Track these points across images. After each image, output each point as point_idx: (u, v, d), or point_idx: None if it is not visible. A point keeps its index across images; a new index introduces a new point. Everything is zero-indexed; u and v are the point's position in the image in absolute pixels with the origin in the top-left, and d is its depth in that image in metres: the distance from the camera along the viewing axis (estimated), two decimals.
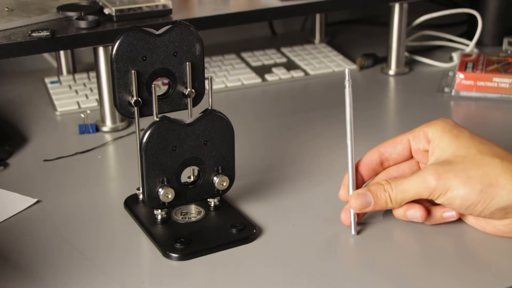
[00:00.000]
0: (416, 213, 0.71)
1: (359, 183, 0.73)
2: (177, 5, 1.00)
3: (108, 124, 0.97)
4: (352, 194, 0.71)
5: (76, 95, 1.07)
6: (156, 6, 0.94)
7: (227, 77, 1.13)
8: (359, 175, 0.73)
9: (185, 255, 0.69)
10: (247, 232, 0.72)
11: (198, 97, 0.75)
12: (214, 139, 0.71)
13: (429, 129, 0.71)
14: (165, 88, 0.75)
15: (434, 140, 0.70)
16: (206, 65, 1.09)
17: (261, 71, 1.16)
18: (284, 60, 1.20)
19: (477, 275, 0.66)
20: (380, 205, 0.70)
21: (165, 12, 0.95)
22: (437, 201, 0.68)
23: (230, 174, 0.73)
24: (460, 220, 0.73)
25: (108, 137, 0.95)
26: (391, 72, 1.16)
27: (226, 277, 0.66)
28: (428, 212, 0.71)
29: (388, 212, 0.74)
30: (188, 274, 0.67)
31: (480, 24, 1.20)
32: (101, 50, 0.92)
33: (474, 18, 1.22)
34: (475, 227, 0.72)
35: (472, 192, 0.66)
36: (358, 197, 0.70)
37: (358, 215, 0.72)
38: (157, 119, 0.69)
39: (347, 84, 0.72)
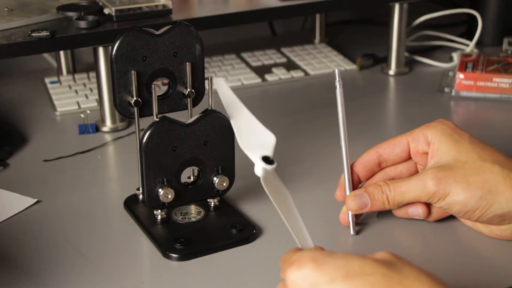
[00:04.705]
0: (418, 210, 0.71)
1: (355, 183, 0.73)
2: (177, 5, 1.00)
3: (108, 124, 0.97)
4: (349, 195, 0.71)
5: (76, 95, 1.07)
6: (156, 6, 0.94)
7: (227, 77, 1.13)
8: (356, 175, 0.73)
9: (185, 255, 0.69)
10: (247, 232, 0.72)
11: (198, 97, 0.75)
12: (214, 139, 0.71)
13: (428, 132, 0.71)
14: (165, 88, 0.75)
15: (434, 143, 0.70)
16: (206, 65, 1.09)
17: (261, 71, 1.16)
18: (284, 60, 1.21)
19: (476, 275, 0.66)
20: (377, 207, 0.70)
21: (165, 12, 0.95)
22: (436, 205, 0.68)
23: (230, 175, 0.73)
24: (459, 220, 0.73)
25: (108, 137, 0.95)
26: (391, 72, 1.16)
27: (226, 277, 0.66)
28: (428, 209, 0.71)
29: (385, 212, 0.74)
30: (188, 274, 0.67)
31: (480, 24, 1.20)
32: (101, 50, 0.92)
33: (474, 18, 1.22)
34: (471, 227, 0.72)
35: (472, 198, 0.66)
36: (355, 199, 0.70)
37: (355, 215, 0.72)
38: (157, 119, 0.69)
39: (337, 85, 0.72)
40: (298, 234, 0.58)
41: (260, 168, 0.58)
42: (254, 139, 0.60)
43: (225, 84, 0.64)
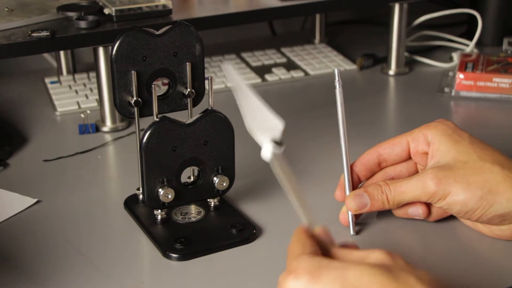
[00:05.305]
0: (418, 210, 0.71)
1: (355, 183, 0.73)
2: (177, 5, 1.00)
3: (108, 124, 0.97)
4: (349, 195, 0.71)
5: (76, 95, 1.07)
6: (156, 6, 0.94)
7: (228, 77, 1.13)
8: (356, 175, 0.73)
9: (185, 255, 0.69)
10: (247, 232, 0.72)
11: (198, 97, 0.75)
12: (214, 139, 0.71)
13: (428, 132, 0.71)
14: (165, 88, 0.75)
15: (434, 143, 0.70)
16: (206, 65, 1.09)
17: (261, 71, 1.16)
18: (284, 60, 1.21)
19: (476, 275, 0.66)
20: (377, 206, 0.70)
21: (165, 12, 0.95)
22: (436, 205, 0.68)
23: (230, 174, 0.73)
24: (459, 220, 0.73)
25: (108, 137, 0.95)
26: (391, 72, 1.16)
27: (226, 277, 0.66)
28: (428, 209, 0.71)
29: (385, 212, 0.74)
30: (188, 274, 0.67)
31: (480, 24, 1.20)
32: (101, 50, 0.92)
33: (474, 18, 1.22)
34: (471, 227, 0.72)
35: (472, 198, 0.66)
36: (355, 198, 0.70)
37: (355, 215, 0.72)
38: (157, 119, 0.69)
39: (337, 84, 0.72)
40: (306, 215, 0.58)
41: (267, 152, 0.57)
42: (261, 123, 0.59)
43: (234, 70, 0.63)
